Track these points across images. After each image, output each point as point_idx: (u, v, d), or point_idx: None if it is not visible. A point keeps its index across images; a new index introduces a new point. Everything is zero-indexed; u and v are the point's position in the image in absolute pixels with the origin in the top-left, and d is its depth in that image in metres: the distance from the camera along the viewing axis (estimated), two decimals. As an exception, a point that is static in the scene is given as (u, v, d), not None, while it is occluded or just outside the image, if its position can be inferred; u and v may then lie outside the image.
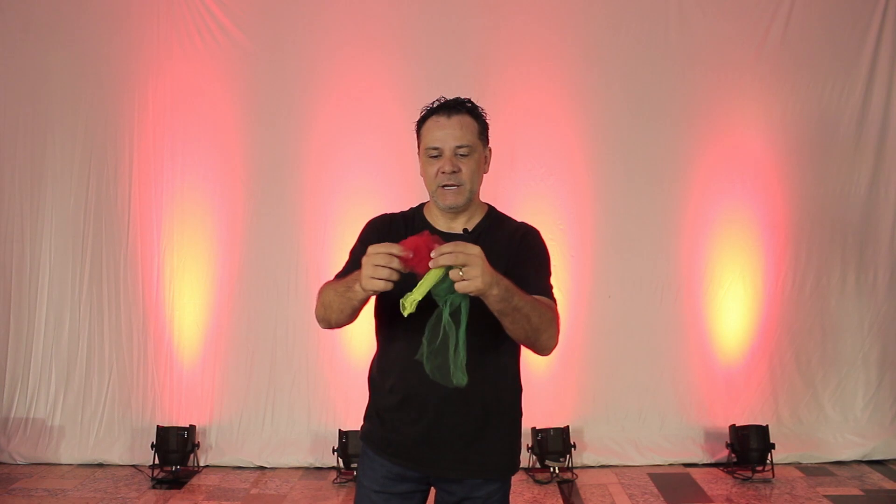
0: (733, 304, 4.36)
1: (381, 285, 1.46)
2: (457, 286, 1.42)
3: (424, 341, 1.52)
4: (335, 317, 1.67)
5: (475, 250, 1.42)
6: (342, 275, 1.76)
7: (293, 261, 4.29)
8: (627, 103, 4.32)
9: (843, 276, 4.38)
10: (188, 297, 4.33)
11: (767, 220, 4.37)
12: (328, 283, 1.71)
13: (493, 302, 1.48)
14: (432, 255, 1.43)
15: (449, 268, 1.43)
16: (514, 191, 4.27)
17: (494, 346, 1.76)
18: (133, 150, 4.34)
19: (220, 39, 4.32)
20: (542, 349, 1.66)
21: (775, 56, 4.33)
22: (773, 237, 4.37)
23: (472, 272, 1.40)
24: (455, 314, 1.49)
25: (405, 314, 1.46)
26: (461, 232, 1.81)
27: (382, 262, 1.45)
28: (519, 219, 1.90)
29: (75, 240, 4.34)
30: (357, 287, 1.52)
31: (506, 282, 1.49)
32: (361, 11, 4.32)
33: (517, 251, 1.77)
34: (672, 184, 4.35)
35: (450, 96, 1.83)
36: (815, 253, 4.37)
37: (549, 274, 1.80)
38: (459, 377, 1.52)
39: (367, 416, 1.89)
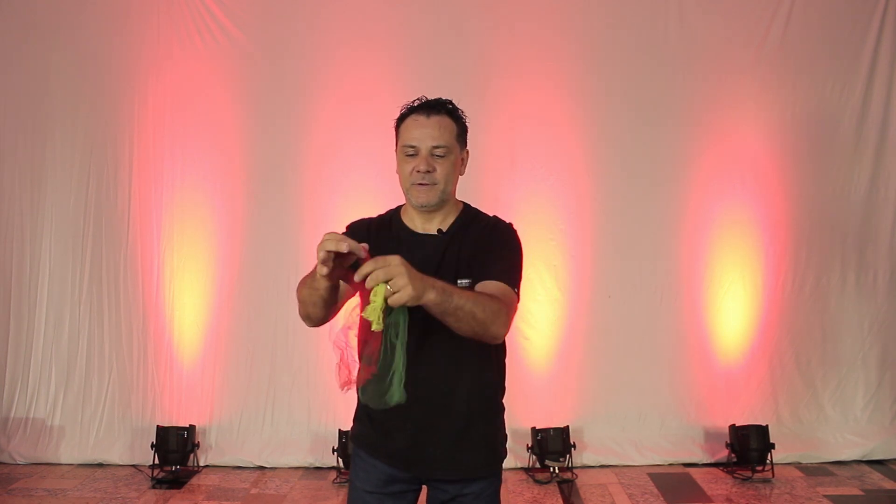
0: (733, 304, 4.36)
1: (324, 269, 1.45)
2: (389, 301, 1.38)
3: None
4: (311, 310, 1.67)
5: (395, 260, 1.38)
6: None
7: (293, 261, 4.27)
8: (627, 103, 4.32)
9: (843, 276, 4.37)
10: (188, 297, 4.32)
11: (767, 221, 4.37)
12: (302, 279, 1.71)
13: (433, 306, 1.45)
14: (355, 278, 1.39)
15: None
16: (514, 191, 4.28)
17: (478, 344, 1.73)
18: (133, 150, 4.34)
19: (220, 39, 4.32)
20: (491, 339, 1.62)
21: (775, 56, 4.33)
22: (773, 237, 4.37)
23: (398, 283, 1.37)
24: (394, 331, 1.45)
25: (374, 329, 1.41)
26: (435, 233, 1.81)
27: (331, 246, 1.43)
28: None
29: (75, 240, 4.34)
30: (318, 275, 1.51)
31: (441, 283, 1.46)
32: (361, 11, 4.32)
33: (484, 240, 1.76)
34: (672, 184, 4.35)
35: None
36: (815, 253, 4.36)
37: (510, 260, 1.76)
38: (399, 396, 1.47)
39: (358, 418, 1.91)
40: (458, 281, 1.71)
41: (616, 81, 4.32)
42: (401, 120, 1.82)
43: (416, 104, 1.80)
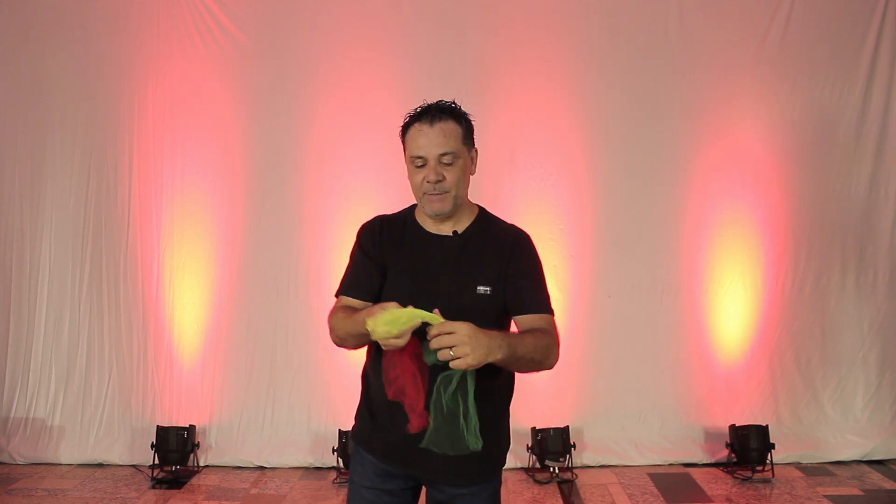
0: (733, 304, 4.36)
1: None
2: (451, 365, 1.44)
3: (431, 420, 1.56)
4: (353, 343, 1.71)
5: (462, 329, 1.44)
6: (345, 283, 1.81)
7: (293, 261, 4.29)
8: (627, 103, 4.32)
9: (843, 276, 4.38)
10: (188, 297, 4.33)
11: (767, 221, 4.37)
12: (338, 313, 1.74)
13: (500, 364, 1.53)
14: (432, 344, 1.45)
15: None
16: (514, 191, 4.28)
17: (491, 374, 1.76)
18: (133, 150, 4.34)
19: (220, 39, 4.32)
20: (546, 369, 1.71)
21: (775, 56, 4.33)
22: (773, 237, 4.37)
23: (461, 350, 1.43)
24: (462, 385, 1.52)
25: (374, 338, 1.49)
26: (451, 235, 1.80)
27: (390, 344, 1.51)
28: (518, 221, 1.90)
29: (75, 240, 4.34)
30: (365, 331, 1.53)
31: (507, 340, 1.53)
32: (361, 12, 4.32)
33: (509, 260, 1.77)
34: (672, 183, 4.35)
35: (450, 98, 1.81)
36: (815, 253, 4.36)
37: (544, 283, 1.81)
38: (473, 442, 1.55)
39: (359, 415, 1.91)
40: (478, 288, 1.73)
41: (616, 81, 4.32)
42: (405, 129, 1.78)
43: (418, 111, 1.76)
